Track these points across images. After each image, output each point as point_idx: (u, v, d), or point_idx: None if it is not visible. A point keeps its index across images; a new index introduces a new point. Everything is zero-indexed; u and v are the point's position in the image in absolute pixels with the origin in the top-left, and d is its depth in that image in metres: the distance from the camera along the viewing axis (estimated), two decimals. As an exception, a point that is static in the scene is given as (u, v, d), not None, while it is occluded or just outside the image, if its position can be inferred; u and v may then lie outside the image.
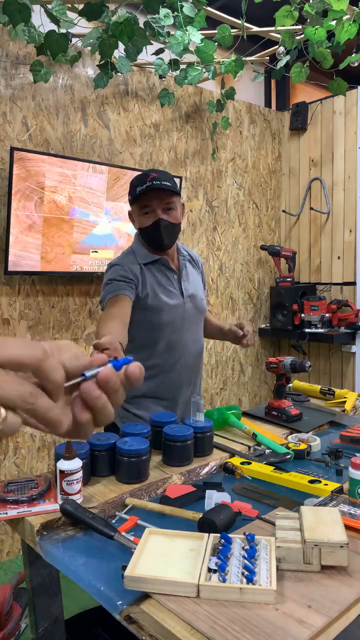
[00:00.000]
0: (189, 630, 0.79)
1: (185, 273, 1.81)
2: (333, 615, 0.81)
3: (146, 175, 1.64)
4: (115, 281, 1.65)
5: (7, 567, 2.54)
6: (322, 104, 3.74)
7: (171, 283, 1.75)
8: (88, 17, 2.15)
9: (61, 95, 2.72)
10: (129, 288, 1.64)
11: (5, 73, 2.51)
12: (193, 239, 3.44)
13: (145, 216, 1.67)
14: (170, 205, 1.66)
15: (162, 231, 1.65)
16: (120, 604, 0.87)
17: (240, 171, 3.73)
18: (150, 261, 1.73)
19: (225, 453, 1.52)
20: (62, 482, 1.17)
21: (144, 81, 3.09)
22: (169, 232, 1.68)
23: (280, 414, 1.81)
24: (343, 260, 3.66)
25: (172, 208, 1.67)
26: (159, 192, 1.63)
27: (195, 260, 1.93)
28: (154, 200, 1.63)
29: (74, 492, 1.17)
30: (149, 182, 1.61)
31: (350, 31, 2.41)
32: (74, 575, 0.98)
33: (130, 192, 1.68)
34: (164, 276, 1.75)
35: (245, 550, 0.94)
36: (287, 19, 2.33)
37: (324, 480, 1.29)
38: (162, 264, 1.75)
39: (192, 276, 1.85)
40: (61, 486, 1.17)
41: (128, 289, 1.64)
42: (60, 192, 2.59)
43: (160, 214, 1.65)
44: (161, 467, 1.41)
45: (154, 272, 1.73)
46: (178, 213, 1.70)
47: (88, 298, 2.91)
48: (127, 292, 1.63)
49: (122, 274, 1.66)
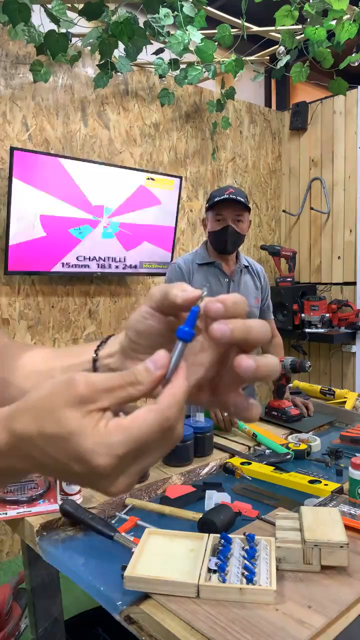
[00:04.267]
0: (189, 631, 0.79)
1: (237, 279, 2.02)
2: (333, 615, 0.81)
3: (225, 189, 1.90)
4: None
5: (7, 567, 2.54)
6: (322, 104, 3.73)
7: (220, 285, 1.98)
8: (88, 17, 2.15)
9: (61, 95, 2.72)
10: None
11: (5, 73, 2.50)
12: (193, 239, 3.44)
13: (217, 222, 1.92)
14: (240, 217, 1.92)
15: (228, 237, 1.91)
16: (120, 604, 0.87)
17: (240, 171, 3.73)
18: (206, 262, 2.00)
19: (225, 453, 1.52)
20: (61, 482, 1.17)
21: (144, 81, 3.08)
22: (234, 239, 1.93)
23: (280, 414, 1.81)
24: (343, 260, 3.66)
25: (241, 220, 1.93)
26: (233, 204, 1.89)
27: (256, 272, 2.11)
28: (228, 210, 1.90)
29: (74, 493, 1.17)
30: (226, 194, 1.87)
31: (350, 31, 2.41)
32: (74, 576, 0.98)
33: (209, 201, 1.95)
34: (215, 278, 1.99)
35: (245, 551, 0.94)
36: (287, 18, 2.33)
37: (324, 480, 1.29)
38: (217, 267, 2.00)
39: (246, 285, 2.05)
40: (61, 486, 1.17)
41: None
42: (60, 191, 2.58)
43: (230, 222, 1.90)
44: (161, 468, 1.41)
45: (206, 273, 1.99)
46: (245, 226, 1.96)
47: (88, 298, 2.90)
48: None
49: (176, 275, 1.97)
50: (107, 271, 2.85)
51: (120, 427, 0.34)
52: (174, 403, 0.35)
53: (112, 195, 2.78)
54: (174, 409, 0.35)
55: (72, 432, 0.34)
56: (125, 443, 0.34)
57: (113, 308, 3.04)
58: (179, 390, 0.35)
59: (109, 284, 3.01)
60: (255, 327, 0.38)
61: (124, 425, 0.34)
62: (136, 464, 0.35)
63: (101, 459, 0.33)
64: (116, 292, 3.06)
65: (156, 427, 0.34)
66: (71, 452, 0.34)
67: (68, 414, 0.34)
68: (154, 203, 2.96)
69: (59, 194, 2.57)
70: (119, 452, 0.34)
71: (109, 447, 0.33)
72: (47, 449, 0.35)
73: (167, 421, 0.34)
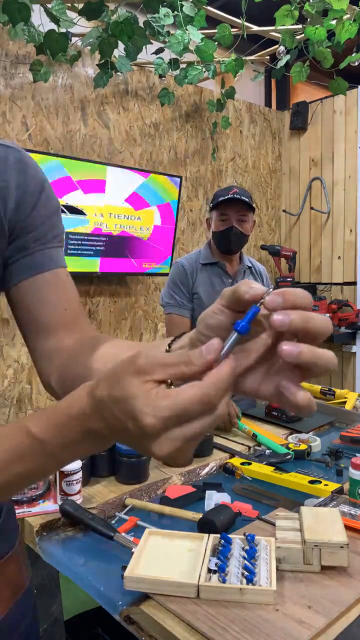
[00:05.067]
0: (189, 631, 0.79)
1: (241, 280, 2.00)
2: (333, 616, 0.81)
3: (229, 189, 1.89)
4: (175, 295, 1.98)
5: (7, 567, 2.54)
6: (323, 104, 3.73)
7: (224, 285, 1.96)
8: (88, 17, 2.14)
9: (61, 95, 2.72)
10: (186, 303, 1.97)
11: (5, 72, 2.50)
12: (193, 239, 3.43)
13: (222, 222, 1.92)
14: (244, 217, 1.92)
15: (232, 237, 1.91)
16: (120, 605, 0.87)
17: (240, 171, 3.73)
18: (209, 262, 1.99)
19: (225, 453, 1.52)
20: (61, 482, 1.17)
21: (143, 80, 3.08)
22: (238, 239, 1.93)
23: (281, 414, 1.81)
24: (343, 260, 3.65)
25: (245, 220, 1.92)
26: (237, 204, 1.88)
27: (259, 272, 2.12)
28: (232, 209, 1.89)
29: (74, 493, 1.17)
30: (231, 194, 1.86)
31: (350, 30, 2.40)
32: (74, 576, 0.98)
33: (213, 200, 1.94)
34: (218, 278, 1.99)
35: (245, 551, 0.94)
36: (287, 18, 2.33)
37: (324, 480, 1.29)
38: (220, 267, 2.00)
39: None
40: (61, 487, 1.17)
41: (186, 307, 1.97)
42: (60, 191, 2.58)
43: (234, 223, 1.90)
44: (161, 468, 1.40)
45: (210, 274, 1.99)
46: (249, 226, 1.95)
47: (88, 298, 2.90)
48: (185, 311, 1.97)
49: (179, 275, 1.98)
50: (107, 271, 2.85)
51: (167, 395, 0.40)
52: (215, 383, 0.40)
53: (111, 195, 2.78)
54: (214, 387, 0.40)
55: (130, 395, 0.41)
56: (169, 408, 0.39)
57: (113, 308, 3.04)
58: (223, 373, 0.40)
59: (108, 284, 3.01)
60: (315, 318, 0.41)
61: (171, 394, 0.40)
62: (179, 428, 0.40)
63: (149, 419, 0.40)
64: (116, 292, 3.06)
65: (196, 400, 0.39)
66: (128, 411, 0.41)
67: (128, 380, 0.41)
68: (153, 203, 2.96)
69: (59, 194, 2.57)
70: (164, 415, 0.39)
71: (155, 409, 0.39)
72: (113, 409, 0.42)
73: (207, 397, 0.39)
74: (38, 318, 0.69)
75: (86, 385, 0.46)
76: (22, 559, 0.77)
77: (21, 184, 0.67)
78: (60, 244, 0.72)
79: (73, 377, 0.62)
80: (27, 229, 0.68)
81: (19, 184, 0.67)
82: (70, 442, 0.47)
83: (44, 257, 0.69)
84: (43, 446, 0.47)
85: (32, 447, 0.48)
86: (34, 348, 0.71)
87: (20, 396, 2.68)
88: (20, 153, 0.68)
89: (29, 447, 0.48)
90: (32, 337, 0.70)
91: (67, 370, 0.65)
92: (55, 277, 0.70)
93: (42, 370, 0.70)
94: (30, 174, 0.68)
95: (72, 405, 0.46)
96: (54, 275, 0.70)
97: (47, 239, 0.70)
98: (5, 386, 2.63)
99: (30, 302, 0.69)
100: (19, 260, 0.68)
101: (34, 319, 0.69)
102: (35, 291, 0.68)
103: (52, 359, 0.68)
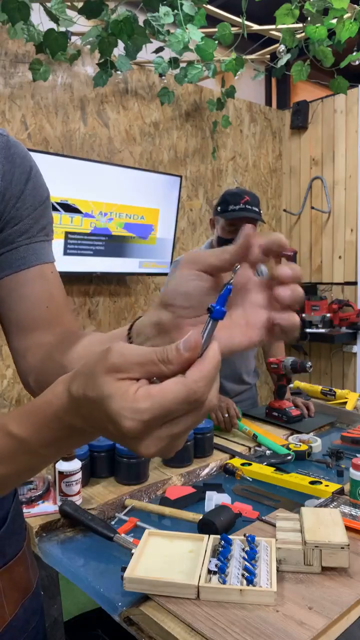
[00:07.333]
0: (189, 632, 0.79)
1: None
2: (334, 616, 0.81)
3: (241, 197, 1.84)
4: None
5: (7, 567, 2.54)
6: (323, 103, 3.73)
7: None
8: (87, 16, 2.14)
9: (60, 94, 2.71)
10: None
11: (4, 71, 2.50)
12: (193, 238, 3.43)
13: (229, 231, 1.88)
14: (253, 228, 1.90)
15: None
16: (120, 606, 0.86)
17: (240, 170, 3.73)
18: None
19: (226, 454, 1.52)
20: (61, 483, 1.16)
21: (143, 79, 3.08)
22: None
23: (281, 414, 1.80)
24: (344, 259, 3.65)
25: None
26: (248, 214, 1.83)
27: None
28: (242, 221, 1.83)
29: (73, 494, 1.17)
30: (242, 204, 1.83)
31: (351, 29, 2.40)
32: (74, 577, 0.98)
33: (221, 205, 1.88)
34: None
35: (245, 552, 0.93)
36: (287, 17, 2.33)
37: (325, 481, 1.29)
38: None
39: None
40: (60, 487, 1.16)
41: None
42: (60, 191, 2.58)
43: None
44: (161, 468, 1.40)
45: None
46: None
47: (87, 298, 2.90)
48: None
49: None
50: (107, 271, 2.84)
51: (148, 395, 0.36)
52: (201, 377, 0.37)
53: (111, 195, 2.77)
54: (200, 382, 0.37)
55: (104, 395, 0.37)
56: (150, 410, 0.36)
57: (113, 308, 3.04)
58: (208, 365, 0.37)
59: (108, 284, 3.01)
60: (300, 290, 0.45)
61: (152, 393, 0.36)
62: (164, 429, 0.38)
63: (127, 422, 0.36)
64: (116, 292, 3.05)
65: (181, 398, 0.36)
66: (104, 413, 0.38)
67: (103, 379, 0.38)
68: (153, 202, 2.95)
69: (59, 194, 2.57)
70: (144, 418, 0.36)
71: (134, 412, 0.36)
72: (90, 409, 0.40)
73: (193, 394, 0.36)
74: (18, 315, 0.66)
75: (64, 380, 0.43)
76: (30, 560, 0.77)
77: (7, 172, 0.64)
78: (47, 237, 0.70)
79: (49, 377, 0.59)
80: (12, 221, 0.65)
81: (4, 173, 0.64)
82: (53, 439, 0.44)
83: (28, 252, 0.66)
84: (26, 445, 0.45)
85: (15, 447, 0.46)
86: (12, 347, 0.68)
87: (19, 396, 2.67)
88: (6, 138, 0.65)
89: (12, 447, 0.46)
90: (12, 335, 0.68)
91: (43, 369, 0.63)
92: (40, 273, 0.67)
93: (21, 370, 0.68)
94: (16, 162, 0.65)
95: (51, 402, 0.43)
96: (38, 271, 0.67)
97: (32, 233, 0.67)
98: (5, 386, 2.63)
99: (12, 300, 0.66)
100: (3, 254, 0.66)
101: (15, 316, 0.67)
102: (18, 288, 0.66)
103: (29, 357, 0.66)
